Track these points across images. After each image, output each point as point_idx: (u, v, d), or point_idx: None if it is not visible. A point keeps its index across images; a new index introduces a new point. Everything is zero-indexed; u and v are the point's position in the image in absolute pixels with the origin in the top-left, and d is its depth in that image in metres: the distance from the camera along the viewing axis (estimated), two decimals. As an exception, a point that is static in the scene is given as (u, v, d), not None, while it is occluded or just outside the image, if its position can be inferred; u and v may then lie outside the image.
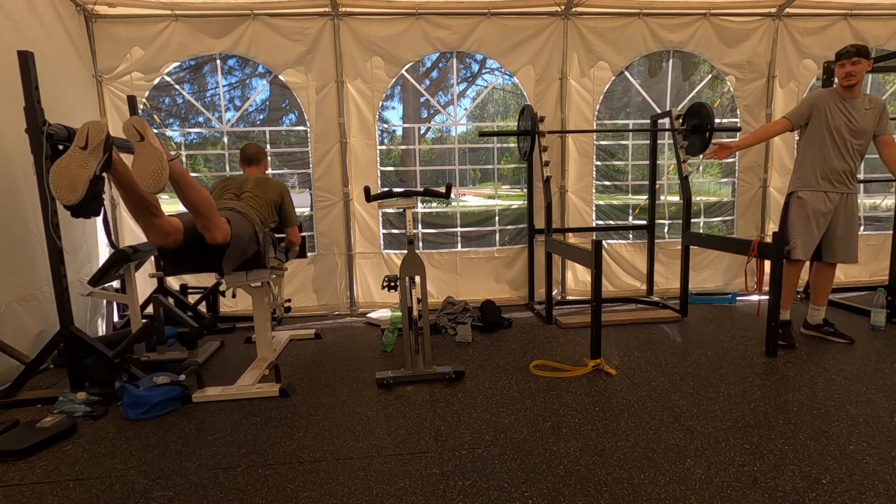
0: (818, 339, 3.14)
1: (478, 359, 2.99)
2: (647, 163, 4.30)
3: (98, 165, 1.86)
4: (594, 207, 4.40)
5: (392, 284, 2.76)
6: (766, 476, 1.70)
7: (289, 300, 3.64)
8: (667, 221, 4.53)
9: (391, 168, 4.31)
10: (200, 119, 4.14)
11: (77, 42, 3.59)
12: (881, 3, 4.26)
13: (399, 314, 3.27)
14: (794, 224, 3.05)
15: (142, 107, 3.86)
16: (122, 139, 2.04)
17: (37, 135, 2.27)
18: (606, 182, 4.45)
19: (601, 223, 4.43)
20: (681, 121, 3.78)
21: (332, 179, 4.10)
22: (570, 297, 4.43)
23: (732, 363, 2.79)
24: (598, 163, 4.38)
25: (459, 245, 4.38)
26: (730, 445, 1.91)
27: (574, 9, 4.03)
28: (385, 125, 4.27)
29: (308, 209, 4.16)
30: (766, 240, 3.94)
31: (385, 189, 4.05)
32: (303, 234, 3.26)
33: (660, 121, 4.22)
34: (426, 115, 4.42)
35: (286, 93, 4.08)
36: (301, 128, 4.11)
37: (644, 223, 4.34)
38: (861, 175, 3.06)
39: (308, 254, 3.99)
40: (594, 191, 4.39)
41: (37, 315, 2.93)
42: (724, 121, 4.41)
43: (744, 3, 4.15)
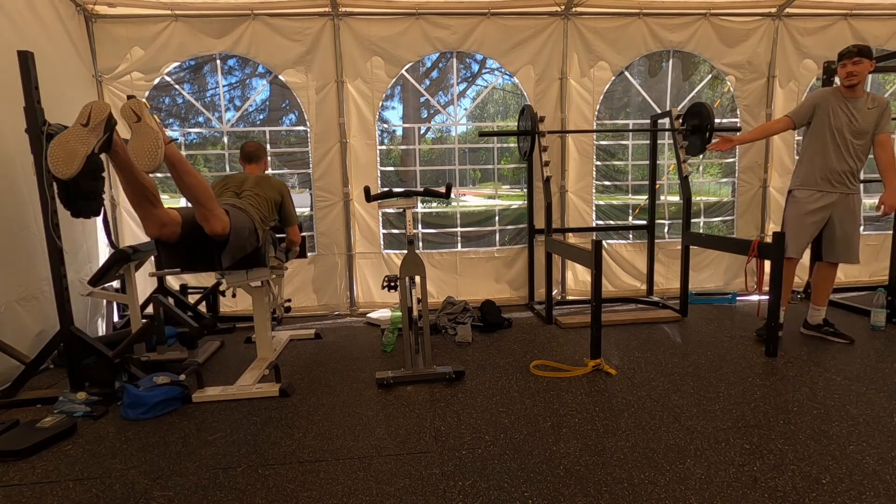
0: (818, 339, 3.14)
1: (478, 359, 2.99)
2: (647, 163, 4.30)
3: (98, 143, 1.85)
4: (594, 207, 4.40)
5: (392, 284, 2.76)
6: (766, 476, 1.70)
7: (289, 300, 3.64)
8: (667, 221, 4.53)
9: (391, 168, 4.31)
10: (200, 119, 4.14)
11: (77, 42, 3.59)
12: (881, 3, 4.26)
13: (399, 314, 3.27)
14: (788, 222, 3.09)
15: (142, 107, 3.85)
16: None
17: (37, 135, 2.28)
18: (606, 182, 4.45)
19: (601, 223, 4.43)
20: (681, 121, 3.78)
21: (332, 179, 4.10)
22: (570, 297, 4.43)
23: (732, 363, 2.79)
24: (598, 163, 4.38)
25: (459, 245, 4.38)
26: (730, 445, 1.91)
27: (574, 9, 4.03)
28: (385, 125, 4.27)
29: (308, 209, 4.16)
30: (766, 240, 3.94)
31: (385, 189, 4.05)
32: (303, 234, 3.26)
33: (660, 121, 4.22)
34: (426, 115, 4.42)
35: (286, 93, 4.08)
36: (301, 128, 4.11)
37: (644, 223, 4.34)
38: (861, 175, 3.05)
39: (308, 254, 3.99)
40: (594, 191, 4.39)
41: (37, 315, 2.93)
42: (724, 121, 4.41)
43: (744, 3, 4.15)
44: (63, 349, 2.59)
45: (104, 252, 3.68)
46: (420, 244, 4.36)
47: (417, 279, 2.69)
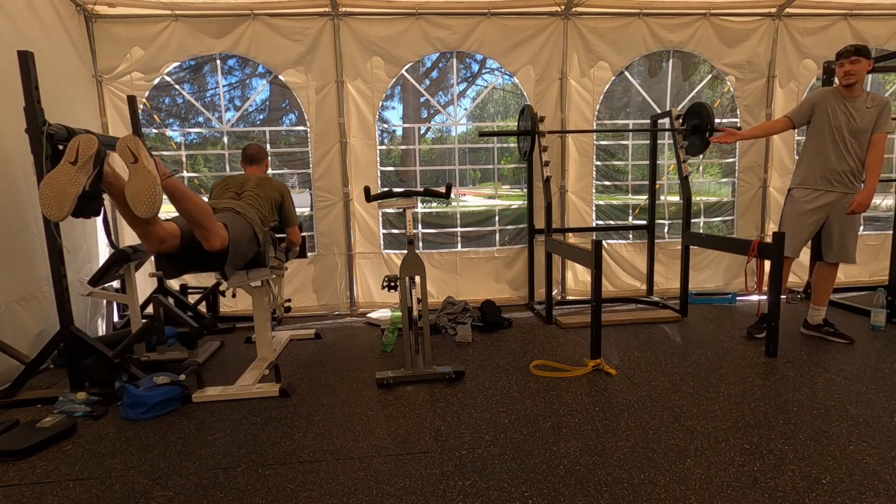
0: (818, 339, 3.14)
1: (478, 359, 2.99)
2: (647, 163, 4.30)
3: (88, 181, 1.84)
4: (594, 207, 4.40)
5: (392, 284, 2.76)
6: (766, 476, 1.70)
7: (289, 300, 3.64)
8: (667, 221, 4.53)
9: (391, 168, 4.31)
10: (200, 119, 4.14)
11: (77, 42, 3.59)
12: (881, 3, 4.26)
13: (399, 314, 3.27)
14: (786, 221, 3.12)
15: (142, 107, 3.86)
16: (110, 137, 1.99)
17: (37, 135, 2.27)
18: (606, 182, 4.45)
19: (601, 223, 4.43)
20: (681, 121, 3.78)
21: (332, 179, 4.10)
22: (570, 297, 4.43)
23: (732, 363, 2.79)
24: (598, 163, 4.38)
25: (459, 245, 4.38)
26: (730, 445, 1.91)
27: (574, 9, 4.03)
28: (385, 125, 4.27)
29: (308, 209, 4.16)
30: (766, 240, 3.94)
31: (385, 189, 4.05)
32: (303, 234, 3.26)
33: (660, 121, 4.22)
34: (426, 115, 4.42)
35: (286, 93, 4.08)
36: (301, 128, 4.11)
37: (644, 223, 4.34)
38: (863, 175, 3.04)
39: (308, 254, 3.99)
40: (594, 191, 4.39)
41: (37, 315, 2.93)
42: (724, 121, 4.41)
43: (744, 3, 4.15)
44: (63, 349, 2.59)
45: (104, 252, 3.68)
46: (420, 244, 4.36)
47: (417, 279, 2.69)
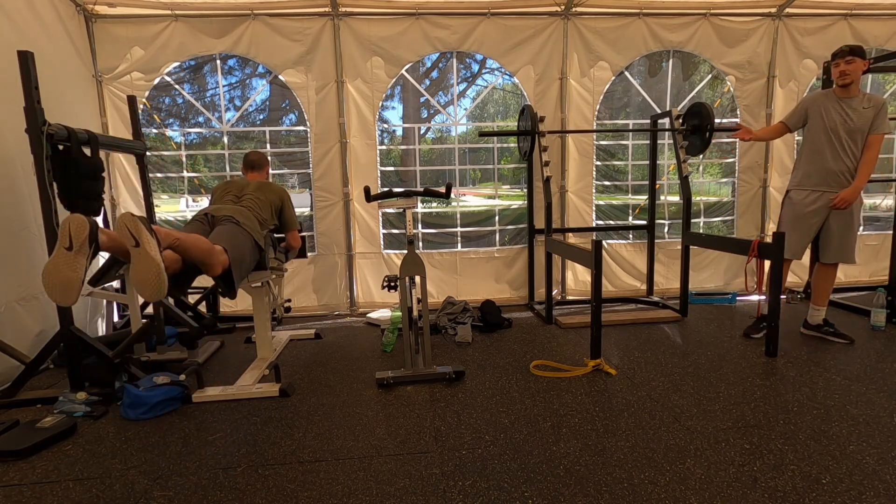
0: (818, 339, 3.14)
1: (478, 359, 2.99)
2: (647, 163, 4.30)
3: (88, 261, 1.81)
4: (594, 207, 4.39)
5: (392, 284, 2.76)
6: (766, 476, 1.70)
7: (289, 300, 3.64)
8: (667, 221, 4.53)
9: (391, 168, 4.31)
10: (200, 119, 4.14)
11: (77, 42, 3.59)
12: (881, 3, 4.26)
13: (399, 314, 3.27)
14: (783, 224, 3.12)
15: (142, 107, 3.86)
16: (110, 137, 1.94)
17: (37, 135, 2.28)
18: (606, 182, 4.45)
19: (601, 223, 4.43)
20: (681, 121, 3.78)
21: (332, 179, 4.10)
22: (570, 297, 4.43)
23: (732, 363, 2.79)
24: (598, 163, 4.38)
25: (459, 245, 4.38)
26: (730, 445, 1.91)
27: (574, 9, 4.03)
28: (385, 125, 4.27)
29: (308, 209, 4.16)
30: (766, 240, 3.94)
31: (385, 189, 4.05)
32: (303, 235, 3.26)
33: (660, 121, 4.21)
34: (426, 115, 4.42)
35: (286, 93, 4.08)
36: (301, 128, 4.11)
37: (644, 223, 4.34)
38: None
39: (308, 254, 3.99)
40: (594, 191, 4.39)
41: (37, 315, 2.93)
42: (724, 121, 4.41)
43: (744, 3, 4.15)
44: (63, 349, 2.59)
45: (104, 252, 3.67)
46: (420, 244, 4.36)
47: (417, 279, 2.69)
